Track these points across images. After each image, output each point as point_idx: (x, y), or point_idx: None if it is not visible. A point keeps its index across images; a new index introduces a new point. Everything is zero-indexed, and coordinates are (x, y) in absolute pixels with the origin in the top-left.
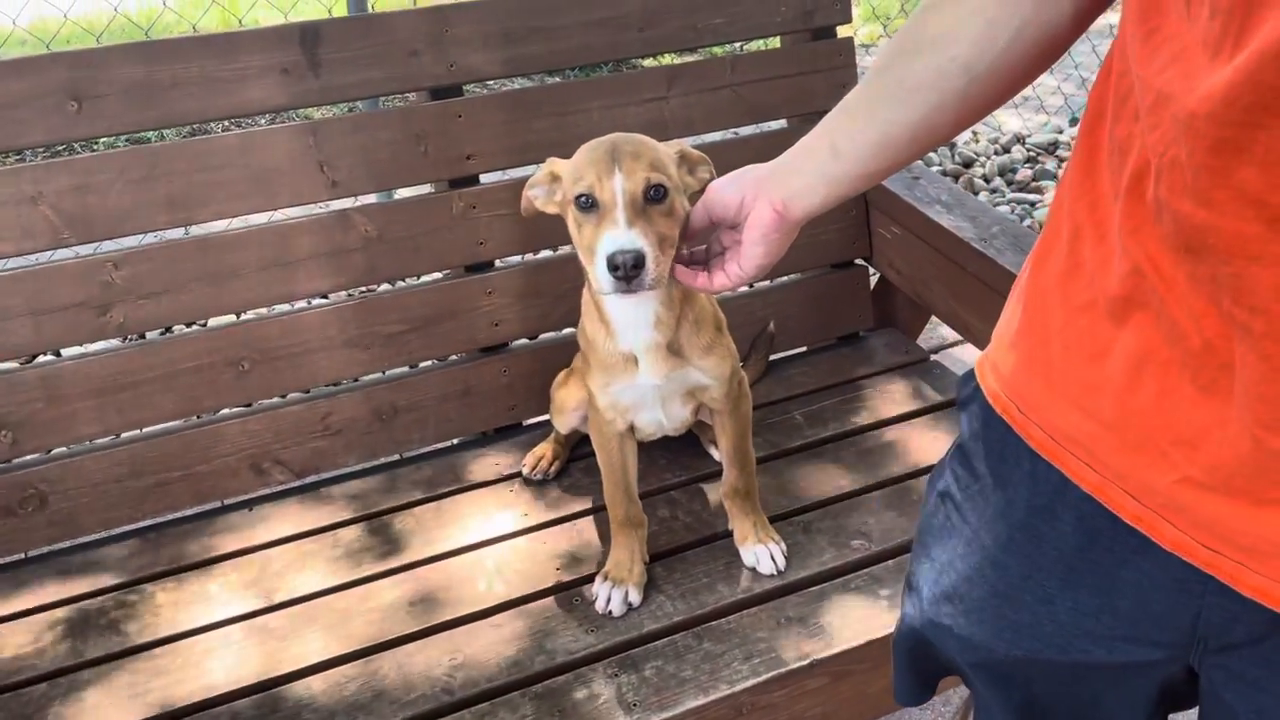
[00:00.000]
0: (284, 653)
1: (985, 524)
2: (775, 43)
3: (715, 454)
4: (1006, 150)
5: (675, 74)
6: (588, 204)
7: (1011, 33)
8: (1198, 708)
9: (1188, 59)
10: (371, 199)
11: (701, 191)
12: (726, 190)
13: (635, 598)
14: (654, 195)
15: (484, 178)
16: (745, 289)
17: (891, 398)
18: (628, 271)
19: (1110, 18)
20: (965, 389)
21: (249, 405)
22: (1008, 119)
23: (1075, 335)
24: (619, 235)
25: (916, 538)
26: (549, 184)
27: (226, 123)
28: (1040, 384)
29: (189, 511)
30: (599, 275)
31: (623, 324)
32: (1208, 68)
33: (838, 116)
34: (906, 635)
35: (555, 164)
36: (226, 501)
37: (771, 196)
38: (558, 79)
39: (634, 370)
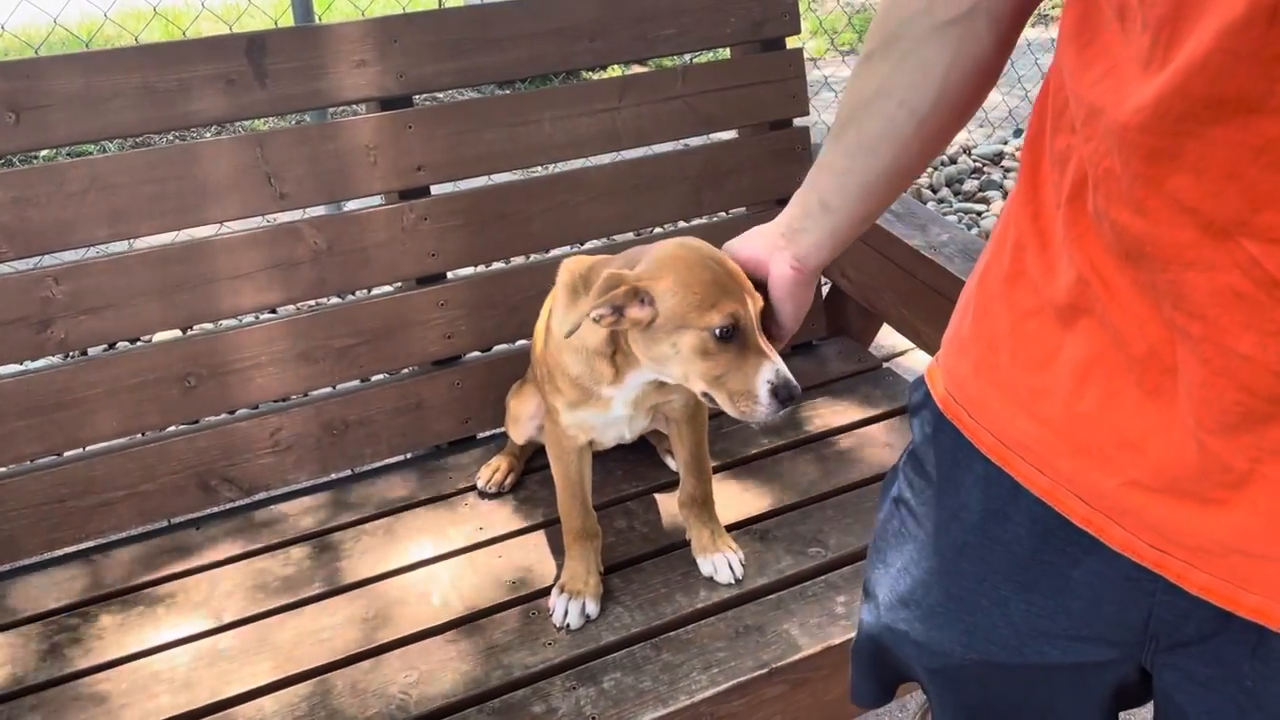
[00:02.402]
0: (234, 674)
1: (939, 528)
2: (725, 54)
3: (671, 464)
4: (953, 161)
5: (627, 85)
6: (728, 334)
7: (943, 70)
8: (1152, 709)
9: (1120, 73)
10: (320, 211)
11: None
12: (742, 251)
13: (592, 609)
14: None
15: (435, 189)
16: None
17: (845, 405)
18: (791, 404)
19: (1055, 32)
20: (916, 395)
21: (196, 422)
22: None
23: (1022, 341)
24: (781, 368)
25: (872, 544)
26: (631, 302)
27: (171, 135)
28: (989, 389)
29: (134, 531)
30: (762, 408)
31: (628, 383)
32: (1139, 80)
33: (818, 174)
34: (865, 642)
35: (626, 280)
36: (173, 520)
37: (786, 255)
38: (509, 90)
39: (608, 404)
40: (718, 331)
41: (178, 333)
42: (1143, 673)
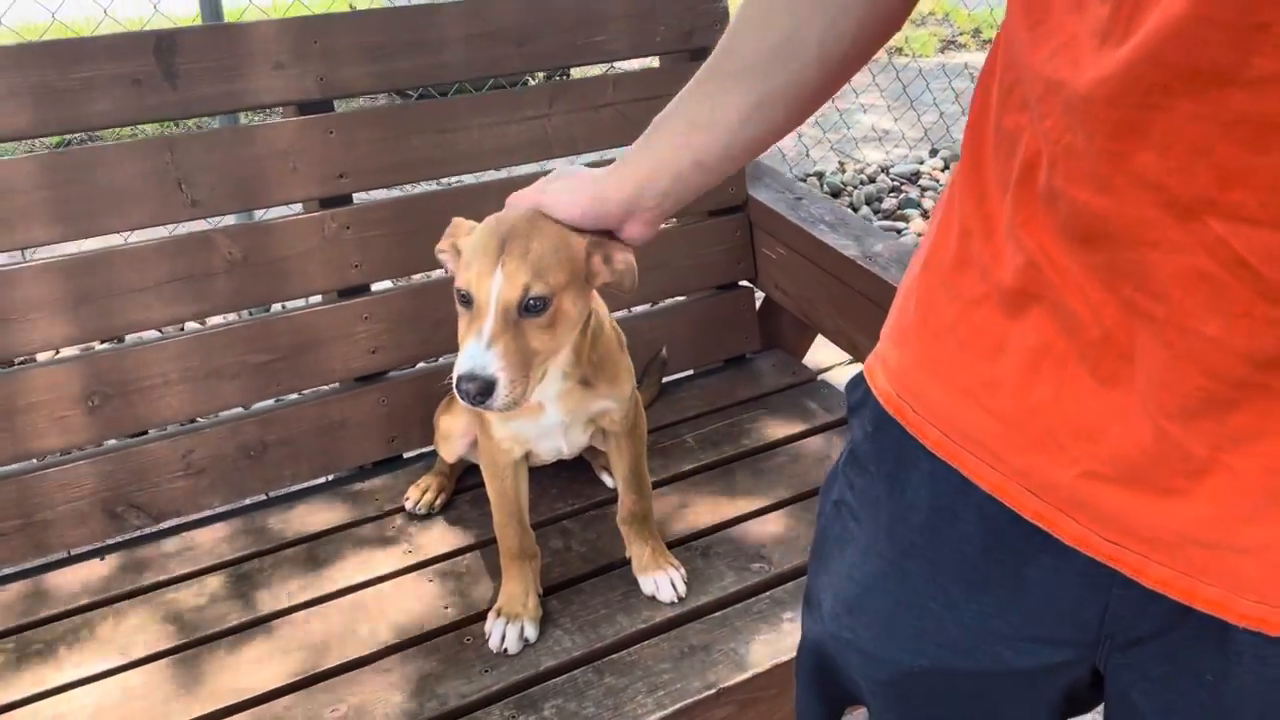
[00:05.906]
0: (144, 715)
1: (883, 530)
2: (655, 62)
3: (608, 480)
4: (872, 180)
5: (557, 92)
6: (465, 299)
7: None
8: (1103, 711)
9: (1075, 47)
10: (235, 220)
11: (612, 281)
12: (590, 213)
13: (531, 633)
14: (532, 306)
15: (357, 197)
16: (626, 312)
17: (781, 419)
18: (472, 400)
19: (964, 57)
20: (855, 393)
21: (100, 444)
22: (871, 152)
23: (970, 331)
24: (476, 355)
25: (813, 551)
26: (451, 254)
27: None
28: (935, 382)
29: (30, 564)
30: (454, 386)
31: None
32: (1096, 53)
33: (684, 108)
34: (810, 653)
35: (459, 232)
36: (74, 551)
37: (646, 218)
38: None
39: (540, 410)
40: (458, 294)
41: (80, 349)
42: (1094, 675)
